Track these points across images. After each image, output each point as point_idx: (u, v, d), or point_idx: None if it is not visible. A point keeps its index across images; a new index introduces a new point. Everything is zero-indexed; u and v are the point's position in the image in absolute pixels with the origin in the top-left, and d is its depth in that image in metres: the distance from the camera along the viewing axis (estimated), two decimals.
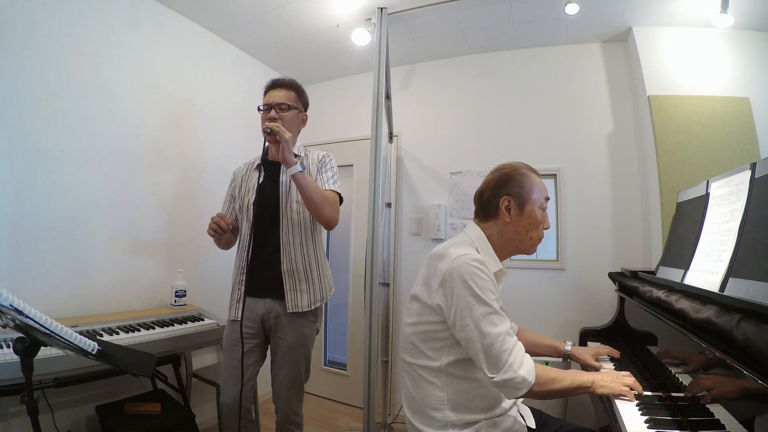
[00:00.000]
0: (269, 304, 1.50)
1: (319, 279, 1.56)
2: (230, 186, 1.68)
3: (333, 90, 3.17)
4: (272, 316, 1.50)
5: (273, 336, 1.53)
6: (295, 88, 1.60)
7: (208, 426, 2.28)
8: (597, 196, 2.33)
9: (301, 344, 1.52)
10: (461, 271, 0.96)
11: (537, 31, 2.39)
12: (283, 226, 1.50)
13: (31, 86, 1.65)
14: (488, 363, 0.93)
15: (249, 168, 1.64)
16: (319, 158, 1.61)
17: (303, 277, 1.51)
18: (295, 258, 1.50)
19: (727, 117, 1.96)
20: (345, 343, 2.91)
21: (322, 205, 1.44)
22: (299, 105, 1.60)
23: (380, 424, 2.39)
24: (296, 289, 1.50)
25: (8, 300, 0.78)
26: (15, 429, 1.51)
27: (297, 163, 1.38)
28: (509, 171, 1.13)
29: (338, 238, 3.07)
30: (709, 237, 1.16)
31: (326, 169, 1.59)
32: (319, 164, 1.59)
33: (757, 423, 0.74)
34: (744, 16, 1.96)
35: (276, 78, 1.61)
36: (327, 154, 1.64)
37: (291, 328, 1.50)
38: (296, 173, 1.36)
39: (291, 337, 1.50)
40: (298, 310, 1.49)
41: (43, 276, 1.68)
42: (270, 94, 1.56)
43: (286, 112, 1.53)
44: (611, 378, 1.04)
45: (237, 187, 1.63)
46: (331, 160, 1.63)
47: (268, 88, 1.59)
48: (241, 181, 1.62)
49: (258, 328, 1.52)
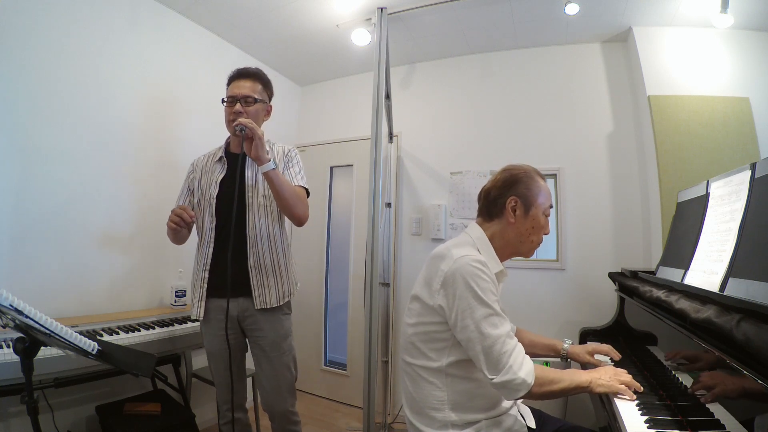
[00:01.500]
0: (241, 303, 1.45)
1: (286, 273, 1.52)
2: (187, 177, 1.60)
3: (333, 90, 3.17)
4: (247, 315, 1.46)
5: (250, 336, 1.49)
6: (261, 78, 1.53)
7: (208, 426, 2.27)
8: (597, 196, 2.33)
9: (282, 337, 1.49)
10: (463, 272, 0.96)
11: (537, 31, 2.39)
12: (249, 221, 1.45)
13: (31, 86, 1.65)
14: (488, 364, 0.93)
15: (210, 160, 1.56)
16: (285, 152, 1.56)
17: (270, 271, 1.47)
18: (263, 253, 1.46)
19: (727, 117, 1.96)
20: (345, 343, 2.91)
21: (296, 203, 1.41)
22: (265, 97, 1.54)
23: (380, 424, 2.39)
24: (264, 285, 1.45)
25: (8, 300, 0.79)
26: (15, 429, 1.51)
27: (270, 160, 1.34)
28: (519, 172, 1.13)
29: (338, 238, 3.07)
30: (709, 237, 1.16)
31: (293, 163, 1.54)
32: (285, 158, 1.55)
33: (757, 423, 0.74)
34: (744, 16, 1.96)
35: (241, 68, 1.53)
36: (292, 147, 1.59)
37: (267, 324, 1.46)
38: (269, 171, 1.33)
39: (270, 333, 1.46)
40: (266, 306, 1.44)
41: (43, 276, 1.68)
42: (234, 84, 1.49)
43: (252, 105, 1.47)
44: (609, 376, 1.04)
45: (196, 179, 1.55)
46: (297, 154, 1.59)
47: (231, 78, 1.52)
48: (201, 174, 1.54)
49: (237, 330, 1.48)
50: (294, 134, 3.21)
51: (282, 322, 1.50)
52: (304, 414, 1.63)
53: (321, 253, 3.02)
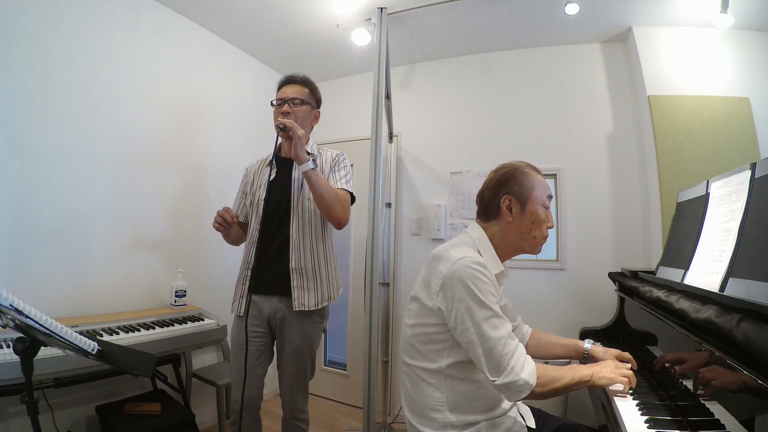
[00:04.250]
0: (275, 304, 1.48)
1: (327, 277, 1.54)
2: (242, 182, 1.68)
3: (333, 90, 3.16)
4: (278, 316, 1.49)
5: (279, 336, 1.52)
6: (308, 84, 1.60)
7: (208, 426, 2.27)
8: (597, 196, 2.33)
9: (307, 345, 1.51)
10: (462, 274, 0.96)
11: (537, 31, 2.39)
12: (293, 223, 1.49)
13: (31, 86, 1.65)
14: (489, 366, 0.93)
15: (261, 164, 1.63)
16: (333, 156, 1.60)
17: (311, 275, 1.49)
18: (305, 256, 1.48)
19: (727, 117, 1.96)
20: (345, 343, 2.91)
21: (333, 204, 1.43)
22: (312, 101, 1.59)
23: (380, 424, 2.39)
24: (303, 287, 1.47)
25: (8, 300, 0.78)
26: (15, 429, 1.51)
27: (309, 160, 1.37)
28: (509, 170, 1.13)
29: (338, 238, 3.04)
30: (709, 237, 1.16)
31: (339, 167, 1.58)
32: (332, 162, 1.58)
33: (757, 423, 0.74)
34: (744, 16, 1.96)
35: (289, 74, 1.61)
36: (341, 152, 1.63)
37: (297, 328, 1.48)
38: (308, 170, 1.36)
39: (297, 338, 1.48)
40: (304, 309, 1.46)
41: (43, 276, 1.68)
42: (283, 89, 1.57)
43: (299, 107, 1.53)
44: (610, 369, 1.04)
45: (249, 183, 1.63)
46: (345, 159, 1.62)
47: (281, 84, 1.60)
48: (253, 177, 1.61)
49: (265, 328, 1.51)
50: None
51: (313, 328, 1.52)
52: None
53: None
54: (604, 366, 1.05)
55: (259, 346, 1.50)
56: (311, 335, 1.51)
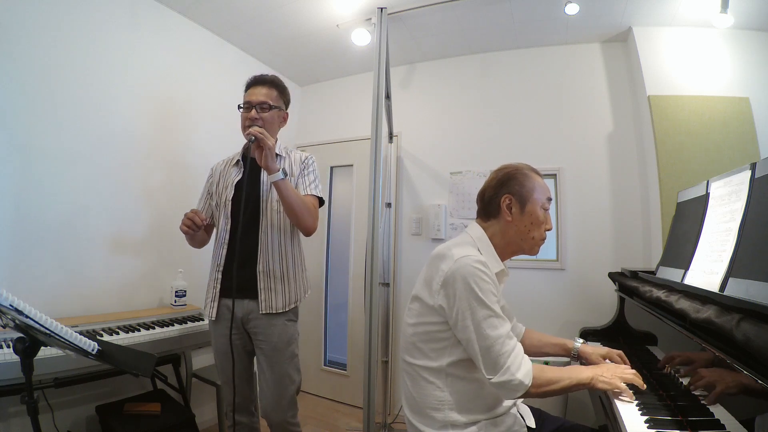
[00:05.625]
0: (247, 306, 1.45)
1: (295, 280, 1.52)
2: (207, 182, 1.64)
3: (333, 90, 3.17)
4: (251, 318, 1.45)
5: (254, 340, 1.48)
6: (277, 85, 1.55)
7: (208, 426, 2.27)
8: (597, 196, 2.33)
9: (285, 343, 1.47)
10: (464, 272, 0.96)
11: (537, 31, 2.39)
12: (262, 227, 1.46)
13: (31, 86, 1.65)
14: (486, 365, 0.94)
15: (227, 164, 1.59)
16: (302, 159, 1.57)
17: (279, 277, 1.47)
18: (273, 260, 1.46)
19: (727, 117, 1.96)
20: (345, 343, 2.91)
21: (302, 214, 1.41)
22: (280, 103, 1.56)
23: (380, 424, 2.39)
24: (271, 289, 1.45)
25: (8, 300, 0.78)
26: (15, 429, 1.51)
27: (279, 170, 1.34)
28: (511, 170, 1.14)
29: (338, 238, 3.07)
30: (709, 237, 1.16)
31: (308, 171, 1.55)
32: (302, 165, 1.56)
33: (757, 423, 0.74)
34: (744, 16, 1.96)
35: (258, 75, 1.55)
36: (309, 155, 1.60)
37: (270, 329, 1.45)
38: (278, 181, 1.33)
39: (273, 338, 1.45)
40: (271, 311, 1.44)
41: (43, 276, 1.67)
42: (251, 91, 1.51)
43: (267, 112, 1.49)
44: (611, 372, 1.04)
45: (214, 183, 1.59)
46: (314, 162, 1.60)
47: (248, 85, 1.54)
48: (219, 177, 1.58)
49: (240, 329, 1.48)
50: (294, 134, 3.20)
51: (286, 327, 1.48)
52: (304, 414, 1.63)
53: (321, 253, 3.02)
54: (606, 369, 1.05)
55: (241, 350, 1.48)
56: (287, 333, 1.48)
